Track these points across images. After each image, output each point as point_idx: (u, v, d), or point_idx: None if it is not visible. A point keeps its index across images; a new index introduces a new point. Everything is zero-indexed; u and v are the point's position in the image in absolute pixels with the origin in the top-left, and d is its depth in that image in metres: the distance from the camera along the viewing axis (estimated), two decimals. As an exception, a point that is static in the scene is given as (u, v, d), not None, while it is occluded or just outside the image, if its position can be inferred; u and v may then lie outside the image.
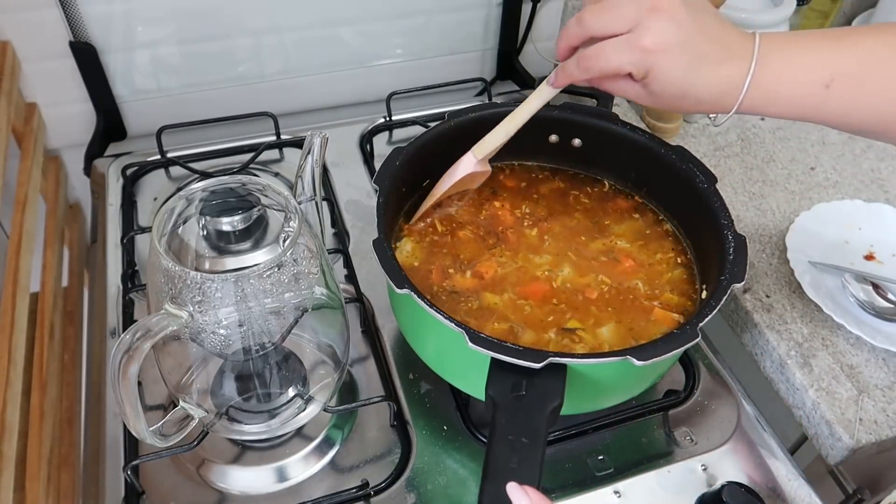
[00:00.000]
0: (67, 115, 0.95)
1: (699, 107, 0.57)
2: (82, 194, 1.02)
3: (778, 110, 0.56)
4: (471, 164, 0.70)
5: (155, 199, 0.89)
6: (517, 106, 0.68)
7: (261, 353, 0.58)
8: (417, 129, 0.92)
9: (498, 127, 0.69)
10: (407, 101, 1.01)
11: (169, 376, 0.59)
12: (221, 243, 0.52)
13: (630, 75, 0.57)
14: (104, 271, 0.80)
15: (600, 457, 0.66)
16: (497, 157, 0.79)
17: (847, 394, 0.68)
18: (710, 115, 0.63)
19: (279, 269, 0.51)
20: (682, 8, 0.54)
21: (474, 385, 0.61)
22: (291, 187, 0.58)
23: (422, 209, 0.72)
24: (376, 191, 0.64)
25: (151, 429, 0.55)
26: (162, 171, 0.93)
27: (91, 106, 0.95)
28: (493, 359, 0.53)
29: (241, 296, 0.50)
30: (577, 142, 0.77)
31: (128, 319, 0.74)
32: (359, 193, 0.90)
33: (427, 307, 0.56)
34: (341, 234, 0.85)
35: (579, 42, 0.58)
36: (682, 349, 0.56)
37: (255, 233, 0.52)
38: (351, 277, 0.78)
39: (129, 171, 0.91)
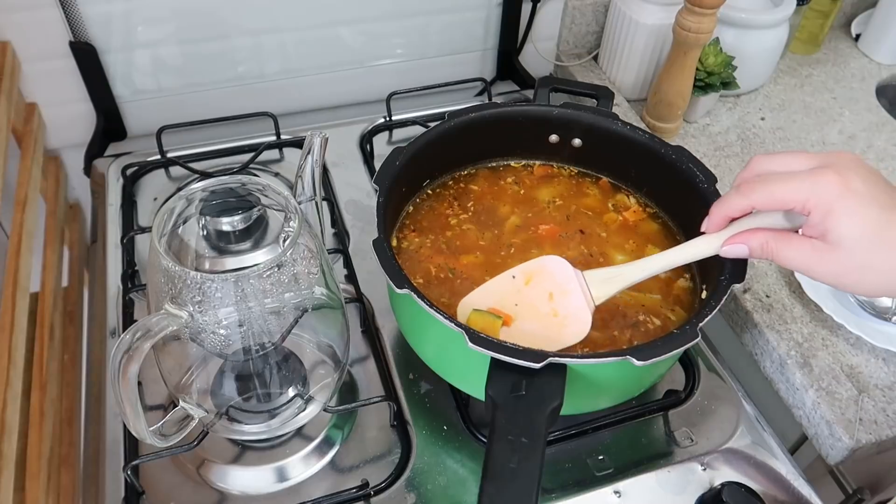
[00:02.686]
0: (67, 115, 0.95)
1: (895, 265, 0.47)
2: (82, 194, 1.02)
3: None
4: (573, 273, 0.60)
5: (155, 199, 0.89)
6: None
7: (261, 353, 0.58)
8: (417, 129, 0.92)
9: (625, 268, 0.60)
10: (407, 101, 1.01)
11: (169, 376, 0.59)
12: (221, 243, 0.52)
13: (804, 231, 0.50)
14: (104, 271, 0.80)
15: (600, 457, 0.66)
16: (496, 158, 0.80)
17: (847, 394, 0.68)
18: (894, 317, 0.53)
19: (279, 269, 0.51)
20: (867, 167, 0.49)
21: (474, 385, 0.61)
22: (291, 187, 0.58)
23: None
24: (376, 191, 0.64)
25: (151, 429, 0.55)
26: (162, 171, 0.93)
27: (91, 106, 0.95)
28: (493, 359, 0.53)
29: (241, 296, 0.50)
30: (576, 142, 0.77)
31: (128, 319, 0.74)
32: (359, 193, 0.90)
33: (427, 307, 0.56)
34: (341, 234, 0.85)
35: (741, 213, 0.53)
36: (682, 349, 0.56)
37: (255, 233, 0.52)
38: (351, 277, 0.78)
39: (129, 171, 0.91)
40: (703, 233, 0.57)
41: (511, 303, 0.62)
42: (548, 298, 0.61)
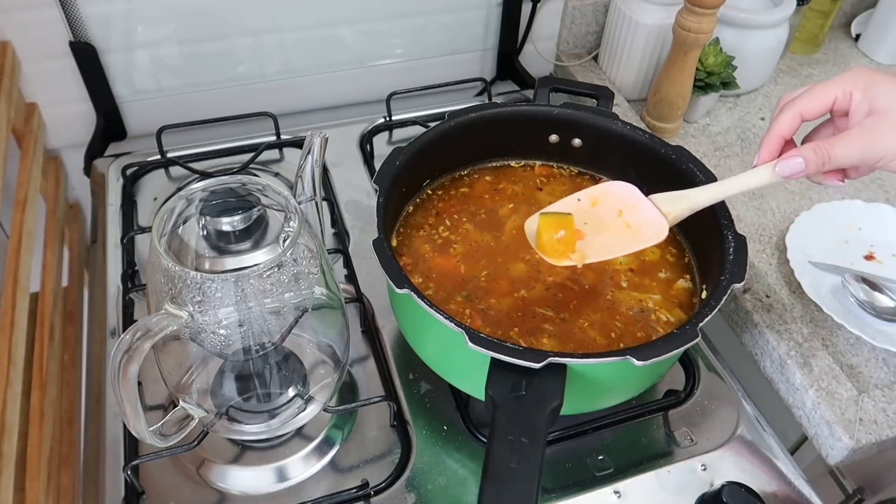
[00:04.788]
0: (67, 115, 0.95)
1: None
2: (82, 194, 1.02)
3: None
4: (641, 195, 0.61)
5: (155, 199, 0.89)
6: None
7: (261, 353, 0.58)
8: (417, 129, 0.92)
9: (694, 191, 0.61)
10: (407, 101, 1.01)
11: (169, 376, 0.59)
12: (221, 243, 0.52)
13: (849, 123, 0.53)
14: (104, 271, 0.80)
15: (600, 457, 0.66)
16: (496, 158, 0.80)
17: (847, 394, 0.68)
18: None
19: (279, 269, 0.51)
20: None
21: (474, 385, 0.61)
22: (291, 187, 0.58)
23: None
24: (376, 191, 0.64)
25: (151, 429, 0.55)
26: (162, 171, 0.93)
27: (91, 106, 0.95)
28: (493, 359, 0.53)
29: (241, 296, 0.50)
30: (577, 142, 0.77)
31: (128, 319, 0.74)
32: (359, 193, 0.90)
33: (427, 307, 0.56)
34: (341, 234, 0.85)
35: (793, 130, 0.55)
36: (682, 349, 0.56)
37: (255, 233, 0.52)
38: (351, 277, 0.78)
39: (129, 171, 0.91)
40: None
41: (580, 221, 0.61)
42: (617, 215, 0.61)
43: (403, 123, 0.99)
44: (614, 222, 0.61)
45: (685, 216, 0.61)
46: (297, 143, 0.95)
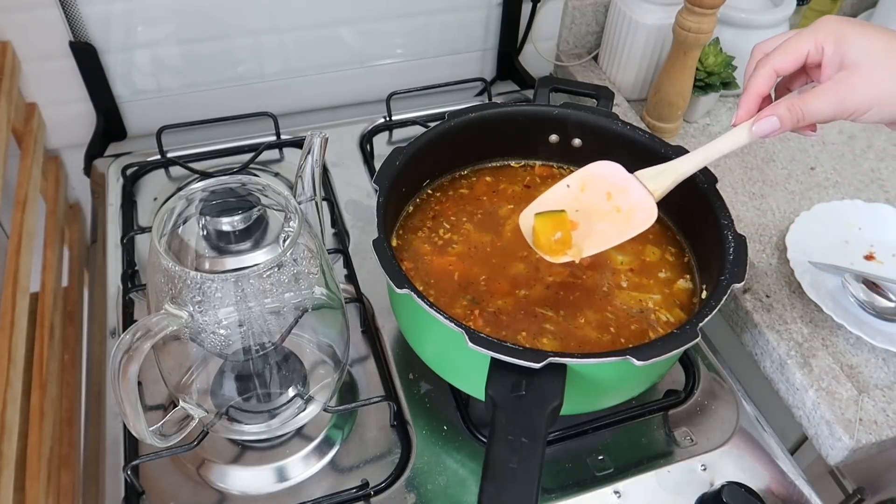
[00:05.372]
0: (67, 115, 0.95)
1: None
2: (82, 194, 1.02)
3: None
4: (626, 173, 0.62)
5: (155, 199, 0.89)
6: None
7: (261, 353, 0.58)
8: (417, 129, 0.92)
9: (674, 163, 0.62)
10: (407, 101, 1.01)
11: (169, 376, 0.59)
12: (221, 243, 0.52)
13: (821, 77, 0.54)
14: (104, 271, 0.80)
15: (600, 457, 0.66)
16: (496, 158, 0.80)
17: (847, 394, 0.68)
18: None
19: (279, 269, 0.51)
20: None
21: (474, 385, 0.61)
22: (291, 187, 0.58)
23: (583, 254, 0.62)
24: (376, 191, 0.64)
25: (151, 429, 0.55)
26: (162, 171, 0.93)
27: (91, 106, 0.95)
28: (492, 359, 0.53)
29: (241, 296, 0.50)
30: (577, 142, 0.77)
31: (128, 319, 0.74)
32: (359, 193, 0.90)
33: (427, 307, 0.56)
34: (341, 234, 0.85)
35: (769, 86, 0.56)
36: (682, 349, 0.56)
37: (255, 233, 0.52)
38: (351, 277, 0.78)
39: (129, 171, 0.91)
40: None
41: (571, 210, 0.62)
42: (606, 199, 0.62)
43: (403, 123, 0.99)
44: (604, 207, 0.62)
45: (670, 189, 0.62)
46: (297, 143, 0.95)
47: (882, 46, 0.50)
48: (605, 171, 0.63)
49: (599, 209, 0.62)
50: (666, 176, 0.61)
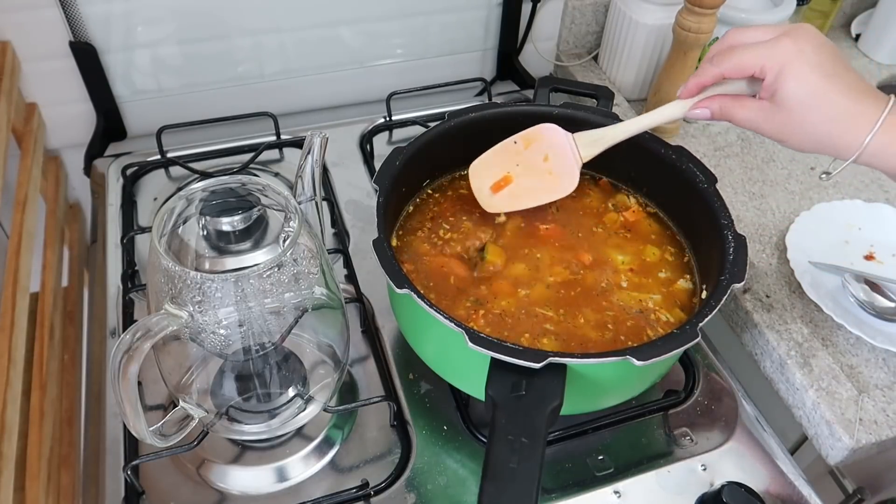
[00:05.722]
0: (67, 115, 0.95)
1: (827, 125, 0.54)
2: (82, 194, 1.02)
3: None
4: (567, 136, 0.68)
5: (155, 199, 0.89)
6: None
7: (261, 353, 0.58)
8: (417, 129, 0.92)
9: (607, 129, 0.68)
10: (407, 101, 1.01)
11: (169, 376, 0.59)
12: (221, 243, 0.52)
13: (759, 93, 0.57)
14: (104, 271, 0.80)
15: (600, 457, 0.66)
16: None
17: (847, 394, 0.68)
18: (823, 175, 0.61)
19: (279, 269, 0.51)
20: (825, 39, 0.55)
21: (474, 385, 0.61)
22: (291, 187, 0.58)
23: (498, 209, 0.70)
24: (376, 191, 0.64)
25: (151, 429, 0.55)
26: (162, 171, 0.93)
27: (91, 106, 0.95)
28: (492, 359, 0.53)
29: (241, 296, 0.50)
30: (577, 142, 0.77)
31: (128, 319, 0.74)
32: (359, 193, 0.90)
33: (427, 307, 0.56)
34: (341, 234, 0.85)
35: (713, 81, 0.59)
36: (682, 349, 0.56)
37: (255, 233, 0.52)
38: (351, 277, 0.78)
39: (129, 171, 0.91)
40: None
41: (513, 163, 0.70)
42: (543, 160, 0.70)
43: (403, 123, 0.99)
44: (540, 167, 0.69)
45: (598, 153, 0.68)
46: (297, 143, 0.95)
47: (814, 92, 0.53)
48: (547, 134, 0.69)
49: (535, 167, 0.69)
50: (599, 144, 0.68)
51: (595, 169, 0.78)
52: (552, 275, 0.68)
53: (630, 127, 0.67)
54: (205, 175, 0.90)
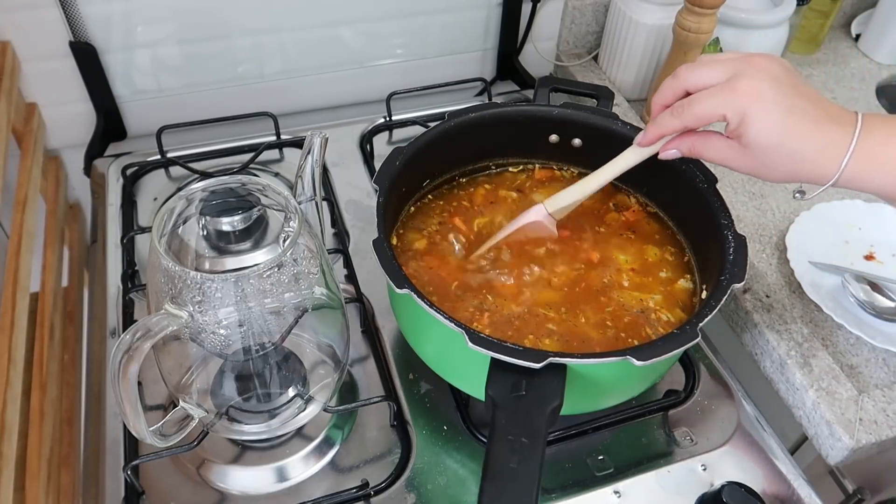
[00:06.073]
0: (67, 115, 0.95)
1: (797, 163, 0.55)
2: (82, 194, 1.02)
3: (882, 181, 0.54)
4: (540, 213, 0.69)
5: (155, 199, 0.89)
6: (597, 170, 0.68)
7: (261, 353, 0.58)
8: (417, 129, 0.92)
9: (574, 185, 0.69)
10: (407, 101, 1.01)
11: (169, 376, 0.59)
12: (221, 243, 0.52)
13: (725, 131, 0.57)
14: (104, 271, 0.80)
15: (600, 457, 0.66)
16: (496, 158, 0.80)
17: (847, 394, 0.68)
18: (797, 193, 0.62)
19: (279, 269, 0.51)
20: (779, 68, 0.54)
21: (474, 385, 0.61)
22: (291, 187, 0.58)
23: (483, 248, 0.70)
24: (376, 191, 0.64)
25: (151, 429, 0.55)
26: (162, 171, 0.93)
27: (91, 106, 0.95)
28: (493, 359, 0.53)
29: (241, 296, 0.50)
30: (577, 142, 0.77)
31: (128, 319, 0.74)
32: (359, 193, 0.90)
33: (427, 307, 0.56)
34: (341, 234, 0.85)
35: (674, 97, 0.59)
36: (682, 349, 0.56)
37: (255, 233, 0.52)
38: (351, 277, 0.78)
39: (129, 171, 0.91)
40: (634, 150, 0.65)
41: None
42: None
43: (403, 123, 0.99)
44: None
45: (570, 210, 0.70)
46: (297, 143, 0.95)
47: (778, 134, 0.53)
48: (532, 227, 0.70)
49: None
50: (570, 207, 0.70)
51: (595, 169, 0.78)
52: (554, 275, 0.68)
53: (593, 184, 0.67)
54: (205, 175, 0.90)
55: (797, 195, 0.62)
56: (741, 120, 0.54)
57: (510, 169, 0.79)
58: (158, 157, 0.92)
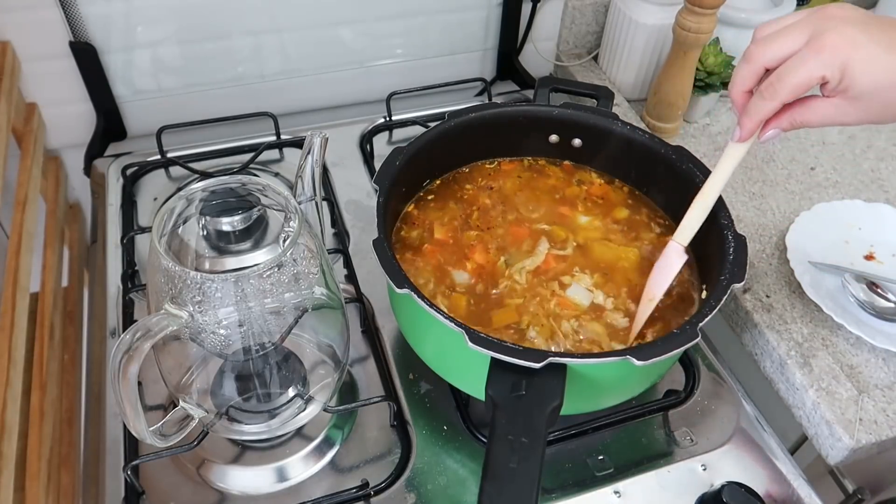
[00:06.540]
0: (67, 115, 0.95)
1: None
2: (82, 194, 1.02)
3: None
4: (681, 254, 0.66)
5: (155, 199, 0.89)
6: (706, 178, 0.64)
7: (261, 353, 0.58)
8: (417, 129, 0.92)
9: (694, 207, 0.65)
10: (407, 101, 1.01)
11: (169, 376, 0.59)
12: (221, 243, 0.52)
13: (821, 97, 0.54)
14: (104, 271, 0.80)
15: (600, 457, 0.66)
16: (496, 158, 0.80)
17: (847, 394, 0.68)
18: None
19: (279, 269, 0.51)
20: (852, 11, 0.52)
21: (474, 385, 0.61)
22: (291, 187, 0.58)
23: (640, 321, 0.65)
24: (376, 191, 0.64)
25: (151, 429, 0.55)
26: (162, 171, 0.93)
27: (91, 106, 0.95)
28: (492, 359, 0.53)
29: (241, 296, 0.50)
30: (577, 142, 0.77)
31: (128, 319, 0.74)
32: (359, 193, 0.90)
33: (427, 307, 0.56)
34: (341, 234, 0.85)
35: (755, 80, 0.55)
36: (682, 349, 0.56)
37: (255, 233, 0.52)
38: (351, 277, 0.78)
39: (129, 171, 0.91)
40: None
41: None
42: None
43: (403, 123, 0.99)
44: None
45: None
46: (297, 143, 0.95)
47: (885, 73, 0.50)
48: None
49: None
50: (694, 228, 0.66)
51: (595, 169, 0.78)
52: (554, 276, 0.68)
53: (710, 197, 0.64)
54: (205, 175, 0.90)
55: None
56: (843, 75, 0.51)
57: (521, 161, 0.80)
58: (158, 157, 0.92)
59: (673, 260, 0.66)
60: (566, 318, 0.65)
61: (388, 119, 0.98)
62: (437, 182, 0.77)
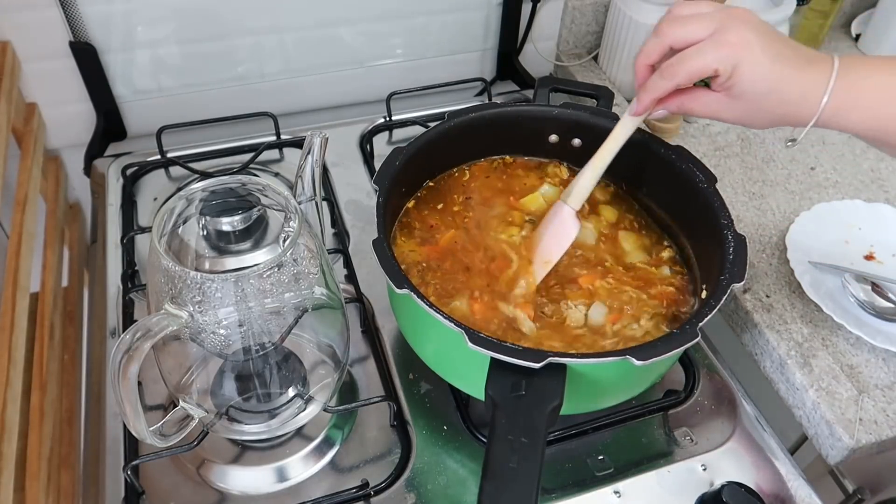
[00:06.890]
0: (67, 115, 0.95)
1: (784, 106, 0.56)
2: (82, 194, 1.02)
3: (858, 118, 0.56)
4: (575, 219, 0.68)
5: (155, 199, 0.89)
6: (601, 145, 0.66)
7: (261, 353, 0.58)
8: (417, 129, 0.92)
9: (585, 172, 0.67)
10: (407, 101, 1.01)
11: (169, 376, 0.59)
12: (221, 243, 0.52)
13: (709, 89, 0.57)
14: (104, 271, 0.80)
15: (600, 457, 0.66)
16: (496, 158, 0.80)
17: (847, 394, 0.68)
18: (789, 142, 0.63)
19: (279, 269, 0.51)
20: (756, 18, 0.56)
21: (474, 385, 0.61)
22: (291, 187, 0.58)
23: (539, 278, 0.68)
24: (376, 191, 0.64)
25: (151, 429, 0.55)
26: (162, 171, 0.93)
27: (91, 106, 0.95)
28: (492, 359, 0.53)
29: (241, 296, 0.50)
30: (576, 142, 0.77)
31: (128, 319, 0.74)
32: (359, 193, 0.90)
33: (427, 307, 0.56)
34: (341, 234, 0.85)
35: (659, 56, 0.59)
36: (682, 349, 0.56)
37: (255, 233, 0.52)
38: (351, 277, 0.78)
39: (129, 171, 0.91)
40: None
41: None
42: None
43: (403, 123, 0.99)
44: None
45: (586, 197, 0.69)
46: (297, 143, 0.95)
47: (768, 80, 0.55)
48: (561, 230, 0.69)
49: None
50: (584, 193, 0.68)
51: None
52: (553, 276, 0.68)
53: (600, 163, 0.66)
54: (205, 175, 0.90)
55: (789, 143, 0.63)
56: (733, 71, 0.55)
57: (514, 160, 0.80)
58: (158, 157, 0.92)
59: (569, 225, 0.68)
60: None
61: (388, 119, 0.98)
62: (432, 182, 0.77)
